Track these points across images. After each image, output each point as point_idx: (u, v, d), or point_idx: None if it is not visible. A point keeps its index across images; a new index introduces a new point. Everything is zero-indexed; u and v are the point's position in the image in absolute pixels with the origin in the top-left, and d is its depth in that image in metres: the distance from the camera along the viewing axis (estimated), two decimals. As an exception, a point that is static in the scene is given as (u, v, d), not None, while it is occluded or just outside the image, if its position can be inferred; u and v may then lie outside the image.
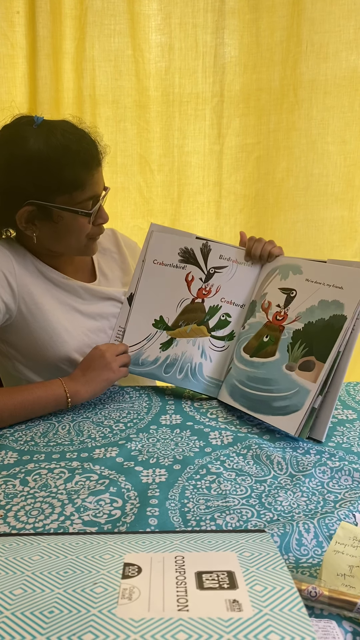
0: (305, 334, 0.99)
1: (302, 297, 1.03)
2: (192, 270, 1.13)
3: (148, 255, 1.15)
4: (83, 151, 0.98)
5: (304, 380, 0.95)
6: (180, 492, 0.78)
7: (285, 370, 0.99)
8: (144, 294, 1.15)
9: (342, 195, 1.76)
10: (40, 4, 1.58)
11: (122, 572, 0.51)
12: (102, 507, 0.74)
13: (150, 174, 1.77)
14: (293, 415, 0.94)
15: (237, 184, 1.80)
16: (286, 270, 1.08)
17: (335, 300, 0.97)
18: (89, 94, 1.68)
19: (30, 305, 1.06)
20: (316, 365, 0.95)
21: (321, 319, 0.98)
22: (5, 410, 0.96)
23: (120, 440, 0.93)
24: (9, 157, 0.97)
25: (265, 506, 0.75)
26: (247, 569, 0.51)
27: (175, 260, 1.14)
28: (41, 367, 1.12)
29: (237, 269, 1.13)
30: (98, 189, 1.03)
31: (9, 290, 1.03)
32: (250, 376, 1.04)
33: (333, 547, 0.60)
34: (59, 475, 0.82)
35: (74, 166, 0.97)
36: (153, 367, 1.12)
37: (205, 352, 1.12)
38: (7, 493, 0.78)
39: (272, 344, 1.03)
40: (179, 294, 1.14)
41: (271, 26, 1.64)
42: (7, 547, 0.57)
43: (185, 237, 1.14)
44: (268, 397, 0.99)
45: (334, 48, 1.63)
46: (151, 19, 1.64)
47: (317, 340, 0.97)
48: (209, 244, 1.13)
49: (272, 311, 1.06)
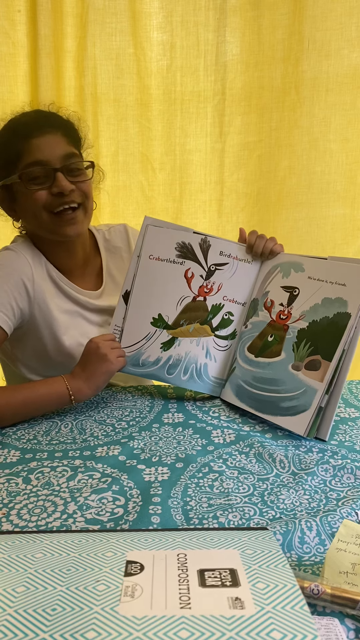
0: (310, 332, 0.98)
1: (305, 295, 1.02)
2: (191, 267, 1.09)
3: (144, 251, 1.09)
4: (19, 123, 1.03)
5: (311, 380, 0.95)
6: (183, 490, 0.78)
7: (292, 370, 0.98)
8: (140, 291, 1.10)
9: (344, 193, 1.76)
10: (41, 3, 1.59)
11: (125, 570, 0.51)
12: (105, 505, 0.75)
13: (152, 172, 1.77)
14: (301, 415, 0.94)
15: (239, 182, 1.79)
16: (287, 267, 1.07)
17: (338, 298, 0.96)
18: (91, 93, 1.68)
19: (44, 310, 1.07)
20: (322, 364, 0.94)
21: (325, 317, 0.97)
22: (8, 408, 0.96)
23: (122, 438, 0.93)
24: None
25: (267, 504, 0.75)
26: (250, 566, 0.51)
27: (172, 255, 1.09)
28: (44, 369, 1.12)
29: (237, 266, 1.10)
30: (41, 154, 1.00)
31: (26, 297, 1.04)
32: (257, 377, 1.03)
33: (335, 545, 0.60)
34: (62, 474, 0.82)
35: (11, 139, 1.02)
36: (155, 368, 1.09)
37: (209, 352, 1.10)
38: (10, 491, 0.78)
39: (277, 344, 1.02)
40: (179, 291, 1.09)
41: (273, 24, 1.64)
42: (10, 544, 0.57)
43: (182, 231, 1.10)
44: (276, 398, 0.98)
45: (336, 45, 1.63)
46: (152, 17, 1.64)
47: (322, 338, 0.96)
48: (208, 239, 1.09)
49: (276, 310, 1.05)
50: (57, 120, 1.06)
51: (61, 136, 1.02)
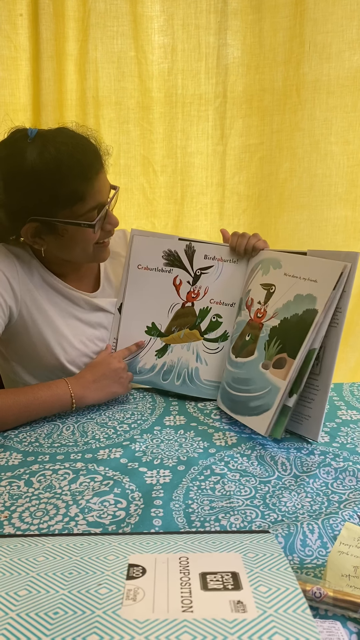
0: (281, 330, 0.95)
1: (280, 293, 0.99)
2: (179, 274, 1.12)
3: (132, 261, 1.13)
4: (78, 163, 0.95)
5: (275, 378, 0.92)
6: (185, 493, 0.78)
7: (261, 369, 0.96)
8: (132, 301, 1.14)
9: (346, 196, 1.76)
10: (43, 7, 1.59)
11: (127, 573, 0.51)
12: (107, 508, 0.75)
13: (153, 175, 1.78)
14: (264, 414, 0.92)
15: (240, 185, 1.79)
16: (267, 265, 1.05)
17: (309, 294, 0.93)
18: (92, 96, 1.68)
19: (32, 310, 1.06)
20: (287, 362, 0.91)
21: (295, 315, 0.94)
22: (10, 413, 0.96)
23: (124, 441, 0.93)
24: (6, 174, 0.96)
25: (269, 507, 0.75)
26: (252, 569, 0.51)
27: (160, 264, 1.13)
28: (38, 370, 1.12)
29: (223, 268, 1.11)
30: (101, 197, 1.00)
31: (11, 294, 1.04)
32: (234, 377, 1.02)
33: (337, 547, 0.60)
34: (64, 477, 0.82)
35: (69, 180, 0.94)
36: (151, 375, 1.12)
37: (199, 356, 1.11)
38: (11, 494, 0.78)
39: (252, 343, 1.00)
40: (169, 299, 1.12)
41: (274, 27, 1.64)
42: (12, 548, 0.57)
43: (167, 239, 1.13)
44: (246, 398, 0.97)
45: (337, 48, 1.62)
46: (154, 21, 1.64)
47: (289, 336, 0.93)
48: (192, 245, 1.11)
49: (254, 308, 1.03)
50: (97, 150, 1.01)
51: (104, 168, 1.01)
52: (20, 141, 0.95)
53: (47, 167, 0.93)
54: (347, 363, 1.89)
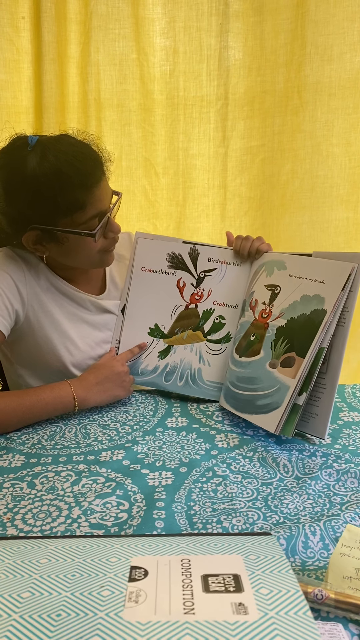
0: (288, 330, 0.97)
1: (285, 293, 1.01)
2: (182, 276, 1.13)
3: (136, 263, 1.15)
4: (78, 172, 0.93)
5: (285, 377, 0.94)
6: (187, 494, 0.78)
7: (268, 367, 0.97)
8: (135, 303, 1.15)
9: (347, 197, 1.76)
10: (45, 9, 1.60)
11: (129, 575, 0.51)
12: (109, 510, 0.75)
13: (155, 177, 1.78)
14: (274, 412, 0.93)
15: (242, 187, 1.80)
16: (271, 266, 1.07)
17: (316, 295, 0.95)
18: (94, 98, 1.69)
19: (39, 313, 1.07)
20: (296, 361, 0.93)
21: (302, 314, 0.96)
22: (14, 415, 0.96)
23: (126, 443, 0.94)
24: (6, 183, 0.95)
25: (271, 509, 0.75)
26: (253, 572, 0.51)
27: (164, 266, 1.14)
28: (42, 373, 1.13)
29: (226, 270, 1.13)
30: (102, 205, 0.99)
31: (18, 298, 1.04)
32: (239, 376, 1.03)
33: (339, 549, 0.60)
34: (66, 478, 0.83)
35: (69, 189, 0.93)
36: (153, 376, 1.13)
37: (202, 357, 1.12)
38: (14, 496, 0.78)
39: (258, 342, 1.02)
40: (172, 301, 1.13)
41: (275, 29, 1.64)
42: (15, 550, 0.57)
43: (172, 242, 1.14)
44: (252, 396, 0.98)
45: (338, 50, 1.63)
46: (155, 23, 1.65)
47: (297, 335, 0.95)
48: (196, 248, 1.13)
49: (259, 309, 1.05)
50: (99, 158, 1.00)
51: (105, 176, 1.00)
52: (21, 149, 0.95)
53: (47, 176, 0.92)
54: (349, 364, 1.89)
